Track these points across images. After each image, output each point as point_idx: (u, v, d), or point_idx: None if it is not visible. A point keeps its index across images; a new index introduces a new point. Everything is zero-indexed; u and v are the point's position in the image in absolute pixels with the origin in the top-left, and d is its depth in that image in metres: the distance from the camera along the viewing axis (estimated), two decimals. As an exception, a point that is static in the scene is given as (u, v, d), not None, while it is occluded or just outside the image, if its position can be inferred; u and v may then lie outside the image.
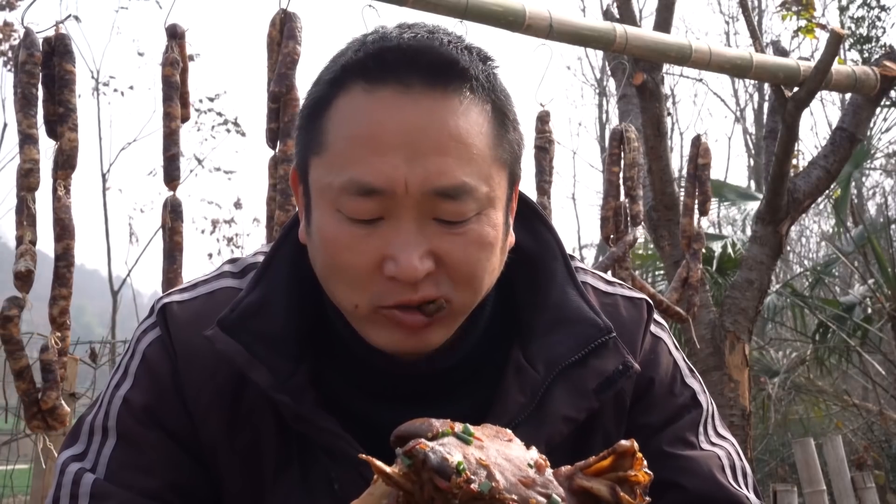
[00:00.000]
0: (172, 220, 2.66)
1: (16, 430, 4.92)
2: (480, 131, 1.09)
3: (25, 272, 2.29)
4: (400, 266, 1.05)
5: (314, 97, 1.13)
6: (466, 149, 1.07)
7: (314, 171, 1.11)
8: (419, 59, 1.07)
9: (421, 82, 1.07)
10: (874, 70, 3.96)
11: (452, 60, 1.09)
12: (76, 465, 1.18)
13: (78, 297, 2.49)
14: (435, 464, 0.88)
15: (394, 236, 1.06)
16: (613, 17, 4.78)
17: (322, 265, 1.12)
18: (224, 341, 1.15)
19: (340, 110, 1.09)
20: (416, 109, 1.06)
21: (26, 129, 2.36)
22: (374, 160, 1.05)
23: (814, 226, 15.84)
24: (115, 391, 1.22)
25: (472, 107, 1.09)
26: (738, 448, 1.31)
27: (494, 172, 1.10)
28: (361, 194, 1.05)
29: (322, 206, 1.10)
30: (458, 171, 1.06)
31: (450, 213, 1.07)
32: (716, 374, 4.35)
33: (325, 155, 1.09)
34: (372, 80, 1.07)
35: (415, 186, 1.05)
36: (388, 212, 1.06)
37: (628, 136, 3.60)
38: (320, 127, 1.10)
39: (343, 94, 1.09)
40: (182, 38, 2.72)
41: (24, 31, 2.41)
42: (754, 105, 17.28)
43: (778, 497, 4.56)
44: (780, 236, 4.37)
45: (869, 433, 7.98)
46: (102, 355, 5.23)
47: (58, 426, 2.41)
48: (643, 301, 1.31)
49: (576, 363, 1.19)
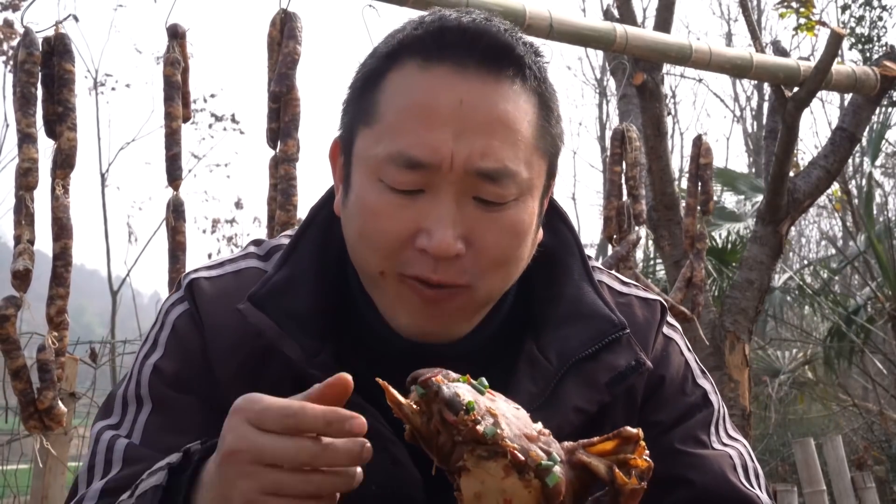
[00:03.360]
0: (175, 220, 2.66)
1: (16, 430, 4.91)
2: (527, 119, 1.12)
3: (23, 271, 2.28)
4: (433, 240, 1.07)
5: (368, 69, 1.15)
6: (512, 133, 1.10)
7: (361, 141, 1.13)
8: (477, 41, 1.10)
9: (476, 64, 1.09)
10: (874, 70, 3.95)
11: (509, 46, 1.12)
12: (111, 432, 1.20)
13: (78, 297, 2.49)
14: (447, 396, 0.92)
15: (432, 210, 1.08)
16: (614, 17, 4.78)
17: (356, 231, 1.14)
18: (256, 315, 1.17)
19: (394, 83, 1.12)
20: (469, 89, 1.08)
21: (25, 128, 2.36)
22: (422, 133, 1.07)
23: (814, 226, 15.84)
24: (144, 360, 1.24)
25: (522, 94, 1.12)
26: (749, 450, 1.32)
27: (535, 161, 1.13)
28: (406, 166, 1.08)
29: (364, 174, 1.12)
30: (501, 154, 1.09)
31: (490, 194, 1.09)
32: (716, 374, 4.35)
33: (374, 126, 1.11)
34: (429, 57, 1.10)
35: (459, 164, 1.07)
36: (429, 185, 1.08)
37: (630, 136, 3.59)
38: (372, 98, 1.13)
39: (398, 68, 1.12)
40: (183, 38, 2.72)
41: (24, 31, 2.40)
42: (754, 105, 17.28)
43: (778, 497, 4.56)
44: (780, 236, 4.37)
45: (869, 433, 7.98)
46: (102, 355, 5.23)
47: (54, 426, 2.40)
48: (657, 302, 1.33)
49: (588, 357, 1.20)
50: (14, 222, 2.34)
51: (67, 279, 2.39)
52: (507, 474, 0.91)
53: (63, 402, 2.45)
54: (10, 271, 2.30)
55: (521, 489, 0.91)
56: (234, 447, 0.94)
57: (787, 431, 8.54)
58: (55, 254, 2.40)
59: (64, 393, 3.20)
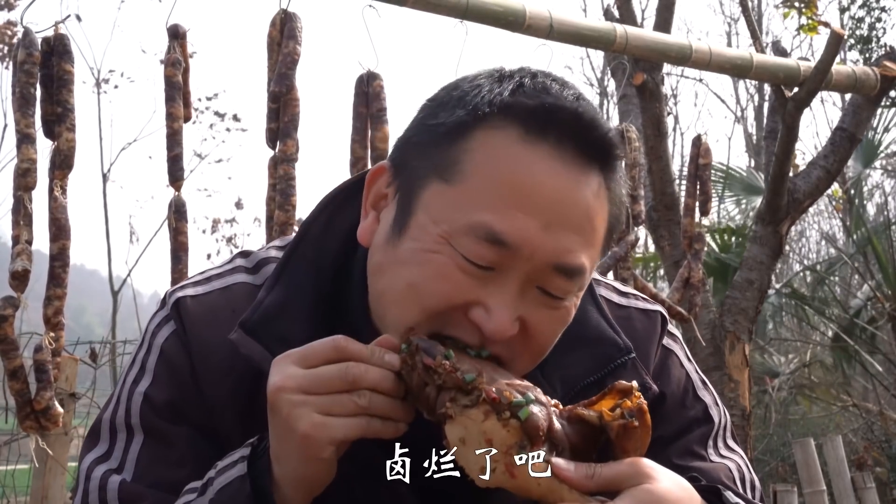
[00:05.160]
0: (177, 221, 2.66)
1: (16, 431, 4.91)
2: (603, 217, 1.11)
3: (21, 272, 2.28)
4: (493, 321, 1.05)
5: (454, 119, 1.09)
6: (594, 233, 1.09)
7: (433, 195, 1.08)
8: (589, 132, 1.08)
9: (580, 153, 1.07)
10: (874, 70, 3.95)
11: (614, 145, 1.10)
12: (102, 467, 1.17)
13: (78, 298, 2.50)
14: (424, 346, 1.01)
15: (498, 290, 1.06)
16: (614, 18, 4.78)
17: (404, 280, 1.09)
18: (248, 344, 1.15)
19: (488, 146, 1.07)
20: (567, 179, 1.06)
21: (24, 128, 2.36)
22: (516, 215, 1.04)
23: (814, 226, 15.83)
24: (133, 387, 1.21)
25: (603, 192, 1.10)
26: (746, 460, 1.32)
27: (598, 256, 1.12)
28: (489, 241, 1.04)
29: (434, 230, 1.07)
30: (582, 253, 1.08)
31: (557, 289, 1.08)
32: (716, 375, 4.34)
33: (456, 185, 1.07)
34: (532, 132, 1.06)
35: (542, 256, 1.05)
36: (503, 266, 1.06)
37: (629, 136, 3.59)
38: (453, 151, 1.08)
39: (491, 129, 1.07)
40: (184, 38, 2.72)
41: (24, 31, 2.40)
42: (755, 105, 17.27)
43: (778, 497, 4.56)
44: (780, 236, 4.36)
45: (869, 433, 7.97)
46: (102, 355, 5.23)
47: (51, 427, 2.40)
48: (657, 314, 1.32)
49: (594, 383, 1.19)
50: (12, 223, 2.34)
51: (65, 280, 2.39)
52: (487, 417, 0.97)
53: (63, 402, 2.45)
54: (9, 272, 2.30)
55: (500, 429, 0.97)
56: (280, 384, 1.00)
57: (787, 431, 8.53)
58: (53, 254, 2.40)
59: (64, 393, 3.20)
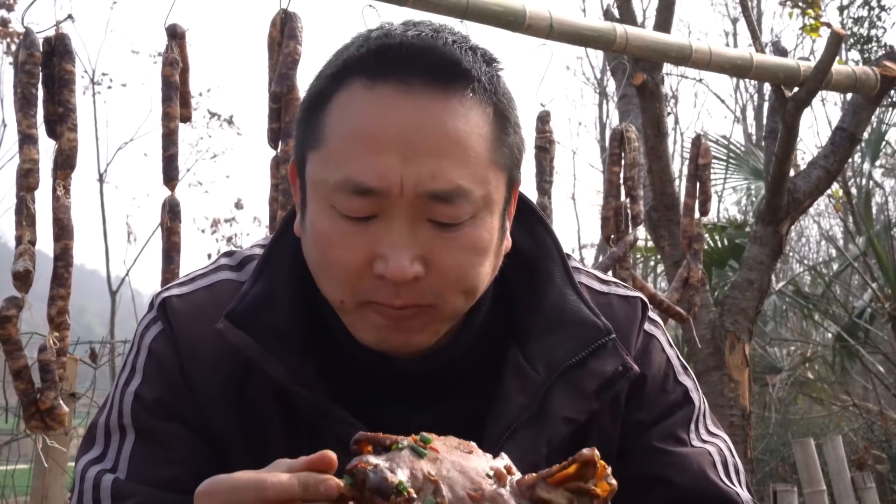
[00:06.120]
0: (171, 220, 2.66)
1: (16, 430, 4.91)
2: (479, 134, 1.08)
3: (24, 272, 2.28)
4: (390, 266, 1.05)
5: (314, 91, 1.13)
6: (463, 151, 1.06)
7: (311, 166, 1.11)
8: (421, 58, 1.07)
9: (421, 82, 1.06)
10: (874, 70, 3.96)
11: (455, 61, 1.08)
12: (96, 467, 1.18)
13: (79, 298, 2.49)
14: (374, 483, 0.89)
15: (385, 235, 1.06)
16: (614, 17, 4.79)
17: (313, 260, 1.12)
18: (235, 335, 1.15)
19: (340, 106, 1.08)
20: (415, 109, 1.05)
21: (26, 129, 2.36)
22: (370, 159, 1.04)
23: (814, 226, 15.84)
24: (124, 388, 1.21)
25: (473, 109, 1.08)
26: (730, 445, 1.31)
27: (492, 176, 1.09)
28: (356, 193, 1.05)
29: (317, 200, 1.10)
30: (453, 174, 1.05)
31: (444, 216, 1.06)
32: (716, 374, 4.35)
33: (322, 150, 1.09)
34: (372, 77, 1.06)
35: (409, 188, 1.04)
36: (381, 210, 1.06)
37: (629, 137, 3.59)
38: (319, 121, 1.10)
39: (343, 89, 1.08)
40: (182, 38, 2.72)
41: (25, 31, 2.40)
42: (754, 105, 17.27)
43: (778, 497, 4.57)
44: (780, 236, 4.37)
45: (869, 433, 7.98)
46: (102, 355, 5.23)
47: (56, 426, 2.41)
48: (637, 299, 1.31)
49: (575, 365, 1.18)
50: (15, 223, 2.34)
51: (68, 280, 2.39)
52: None
53: (63, 402, 2.45)
54: (11, 272, 2.30)
55: None
56: None
57: (787, 431, 8.54)
58: (56, 254, 2.40)
59: (64, 393, 3.20)
